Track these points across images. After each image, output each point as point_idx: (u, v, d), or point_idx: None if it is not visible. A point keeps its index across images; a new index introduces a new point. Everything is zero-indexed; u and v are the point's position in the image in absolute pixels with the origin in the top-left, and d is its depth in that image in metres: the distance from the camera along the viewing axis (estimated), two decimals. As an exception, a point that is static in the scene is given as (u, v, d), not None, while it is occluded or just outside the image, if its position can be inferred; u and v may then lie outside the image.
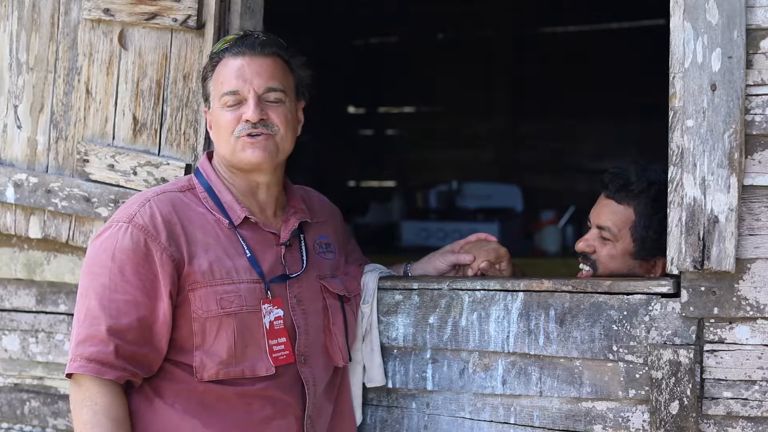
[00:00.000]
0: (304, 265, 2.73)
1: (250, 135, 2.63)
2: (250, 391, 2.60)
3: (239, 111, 2.64)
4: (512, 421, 2.85)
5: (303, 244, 2.77)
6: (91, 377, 2.48)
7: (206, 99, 2.75)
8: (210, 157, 2.78)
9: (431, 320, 2.90)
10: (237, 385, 2.59)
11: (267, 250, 2.68)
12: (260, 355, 2.60)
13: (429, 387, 2.93)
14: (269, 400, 2.62)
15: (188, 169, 3.16)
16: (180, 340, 2.57)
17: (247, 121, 2.62)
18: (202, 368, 2.56)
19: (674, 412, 2.64)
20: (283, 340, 2.63)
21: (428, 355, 2.92)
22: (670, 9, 2.69)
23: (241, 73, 2.64)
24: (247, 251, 2.63)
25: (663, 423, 2.65)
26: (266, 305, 2.62)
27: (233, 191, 2.69)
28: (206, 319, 2.56)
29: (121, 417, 2.51)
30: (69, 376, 2.53)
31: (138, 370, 2.53)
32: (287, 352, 2.64)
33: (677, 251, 2.66)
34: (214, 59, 2.72)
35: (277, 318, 2.64)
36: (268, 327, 2.61)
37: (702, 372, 2.66)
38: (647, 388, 2.69)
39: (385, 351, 2.94)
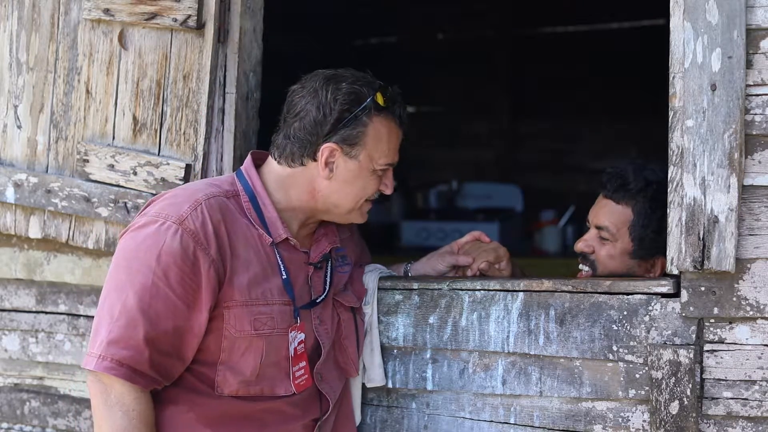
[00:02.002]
0: (327, 288, 2.70)
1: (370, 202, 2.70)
2: (266, 407, 2.59)
3: (380, 181, 2.67)
4: (512, 421, 2.85)
5: (329, 264, 2.74)
6: (122, 382, 2.41)
7: (344, 140, 2.59)
8: (255, 161, 2.69)
9: (431, 320, 2.90)
10: (255, 401, 2.57)
11: (299, 271, 2.65)
12: (280, 377, 2.58)
13: (429, 387, 2.93)
14: (284, 414, 2.61)
15: (188, 168, 3.16)
16: (205, 351, 2.51)
17: (382, 193, 2.69)
18: (224, 383, 2.53)
19: (674, 412, 2.64)
20: (303, 364, 2.61)
21: (428, 355, 2.92)
22: (670, 9, 2.69)
23: (397, 145, 2.68)
24: (283, 272, 2.58)
25: (663, 423, 2.65)
26: (293, 332, 2.59)
27: (277, 206, 2.63)
28: (237, 338, 2.51)
29: (153, 423, 2.47)
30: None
31: (162, 378, 2.48)
32: (306, 376, 2.62)
33: (677, 251, 2.66)
34: (375, 110, 2.62)
35: (300, 342, 2.61)
36: (292, 354, 2.58)
37: (702, 372, 2.66)
38: (647, 388, 2.69)
39: (385, 351, 2.94)
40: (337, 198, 2.64)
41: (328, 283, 2.71)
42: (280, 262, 2.58)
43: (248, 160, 2.69)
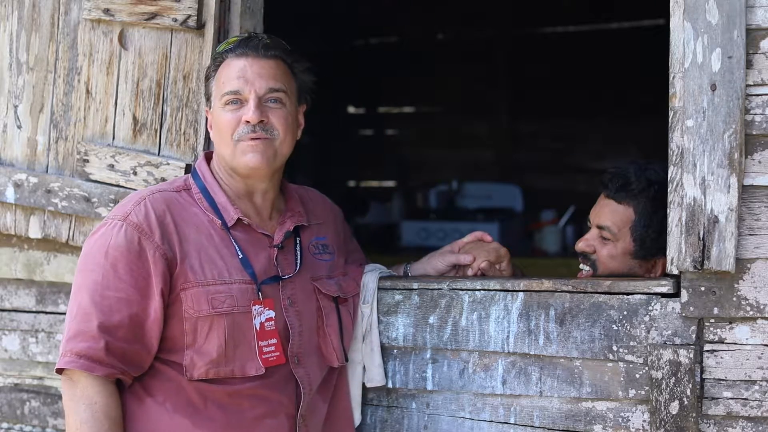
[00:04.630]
0: (297, 267, 2.73)
1: (250, 138, 2.63)
2: (240, 390, 2.60)
3: (239, 112, 2.64)
4: (512, 421, 2.85)
5: (298, 246, 2.77)
6: (86, 375, 2.49)
7: (208, 98, 2.75)
8: (207, 158, 2.78)
9: (431, 320, 2.90)
10: (227, 384, 2.60)
11: (260, 252, 2.68)
12: (250, 356, 2.60)
13: (429, 387, 2.93)
14: (260, 399, 2.62)
15: (188, 169, 3.16)
16: (171, 338, 2.58)
17: (247, 122, 2.62)
18: (192, 367, 2.57)
19: (674, 412, 2.64)
20: (274, 341, 2.63)
21: (428, 355, 2.92)
22: (670, 9, 2.69)
23: (243, 74, 2.64)
24: (239, 252, 2.64)
25: (663, 423, 2.65)
26: (257, 306, 2.62)
27: (228, 193, 2.70)
28: (197, 319, 2.56)
29: (118, 417, 2.52)
30: (60, 371, 2.54)
31: (128, 367, 2.54)
32: (277, 353, 2.63)
33: (677, 251, 2.66)
34: (218, 59, 2.72)
35: (269, 319, 2.63)
36: (258, 328, 2.61)
37: (702, 372, 2.66)
38: (647, 388, 2.69)
39: (385, 351, 2.94)
40: (219, 149, 2.70)
41: (298, 263, 2.73)
42: (234, 243, 2.64)
43: (201, 158, 2.80)
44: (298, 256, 2.75)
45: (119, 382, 2.57)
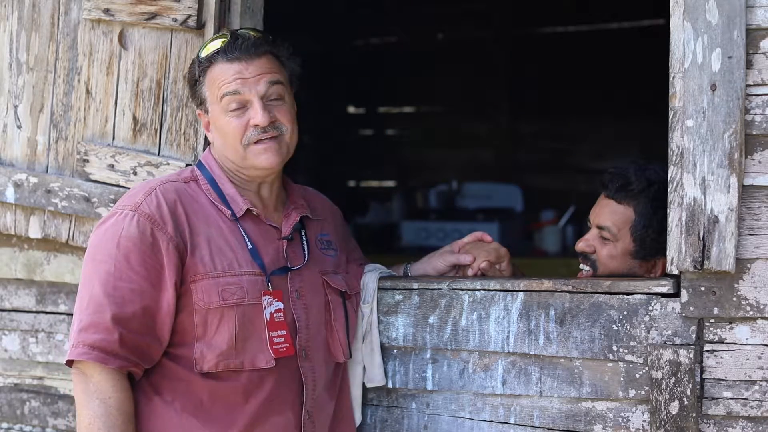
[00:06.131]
0: (306, 259, 2.74)
1: (259, 140, 2.63)
2: (247, 388, 2.60)
3: (245, 117, 2.63)
4: (512, 421, 2.85)
5: (304, 238, 2.77)
6: (100, 368, 2.48)
7: (200, 103, 2.72)
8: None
9: (431, 320, 2.90)
10: (235, 380, 2.59)
11: (268, 243, 2.69)
12: (261, 347, 2.60)
13: (429, 387, 2.93)
14: (267, 397, 2.62)
15: (188, 169, 3.16)
16: (180, 331, 2.57)
17: (257, 125, 2.62)
18: (202, 359, 2.56)
19: (674, 412, 2.64)
20: (283, 332, 2.63)
21: (428, 355, 2.92)
22: (670, 9, 2.69)
23: (240, 77, 2.63)
24: (249, 243, 2.64)
25: (663, 423, 2.65)
26: (266, 297, 2.62)
27: (236, 184, 2.70)
28: (208, 311, 2.56)
29: (131, 412, 2.52)
30: (69, 363, 2.52)
31: (140, 360, 2.53)
32: (287, 344, 2.63)
33: (677, 251, 2.66)
34: (204, 64, 2.67)
35: (278, 310, 2.64)
36: (268, 319, 2.61)
37: (702, 372, 2.66)
38: (647, 388, 2.69)
39: (385, 351, 2.94)
40: (225, 150, 2.69)
41: (306, 255, 2.74)
42: (244, 235, 2.64)
43: (207, 150, 2.79)
44: (306, 249, 2.76)
45: (129, 379, 2.56)
